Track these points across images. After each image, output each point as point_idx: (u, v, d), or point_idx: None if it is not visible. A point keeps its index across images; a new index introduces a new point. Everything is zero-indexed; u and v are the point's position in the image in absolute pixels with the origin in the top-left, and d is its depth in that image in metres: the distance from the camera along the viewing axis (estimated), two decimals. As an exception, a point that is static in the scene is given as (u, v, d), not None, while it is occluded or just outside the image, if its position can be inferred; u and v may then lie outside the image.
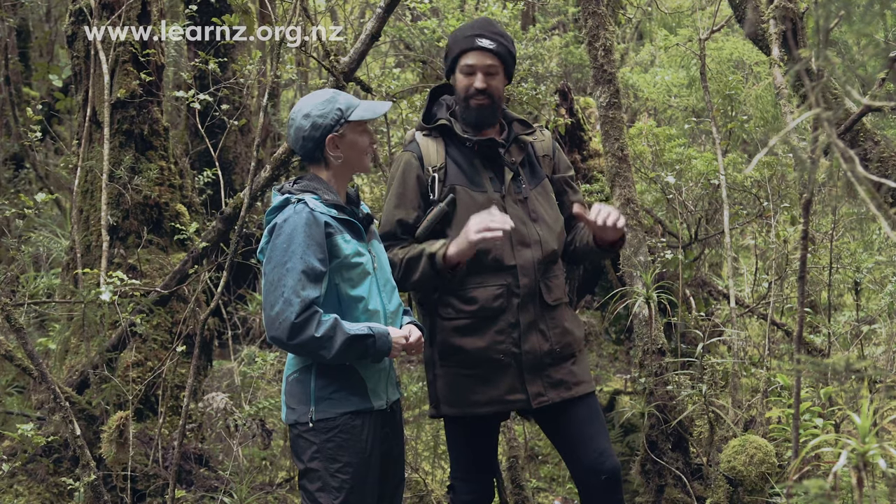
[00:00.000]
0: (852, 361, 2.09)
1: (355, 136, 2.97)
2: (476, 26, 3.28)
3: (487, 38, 3.21)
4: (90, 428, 4.37)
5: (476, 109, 3.25)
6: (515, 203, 3.27)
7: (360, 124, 2.98)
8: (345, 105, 2.95)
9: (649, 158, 6.60)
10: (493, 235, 3.01)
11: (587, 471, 3.20)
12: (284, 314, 2.75)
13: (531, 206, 3.28)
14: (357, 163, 3.01)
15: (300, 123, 2.94)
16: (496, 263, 3.20)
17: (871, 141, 4.19)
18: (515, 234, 3.21)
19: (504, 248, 3.20)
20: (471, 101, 3.25)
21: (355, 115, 2.95)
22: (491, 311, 3.21)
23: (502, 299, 3.20)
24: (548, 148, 3.43)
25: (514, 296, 3.21)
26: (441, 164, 3.26)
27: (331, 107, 2.93)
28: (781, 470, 4.13)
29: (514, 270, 3.21)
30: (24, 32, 9.38)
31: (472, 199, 3.21)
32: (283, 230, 2.83)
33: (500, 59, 3.23)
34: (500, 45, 3.22)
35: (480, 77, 3.22)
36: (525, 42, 6.96)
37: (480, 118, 3.26)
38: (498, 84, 3.25)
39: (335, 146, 2.95)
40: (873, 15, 1.76)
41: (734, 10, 4.73)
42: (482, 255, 3.19)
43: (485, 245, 3.11)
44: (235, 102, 7.64)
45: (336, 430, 2.87)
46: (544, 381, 3.24)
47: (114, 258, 4.84)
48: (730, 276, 5.17)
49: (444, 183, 3.25)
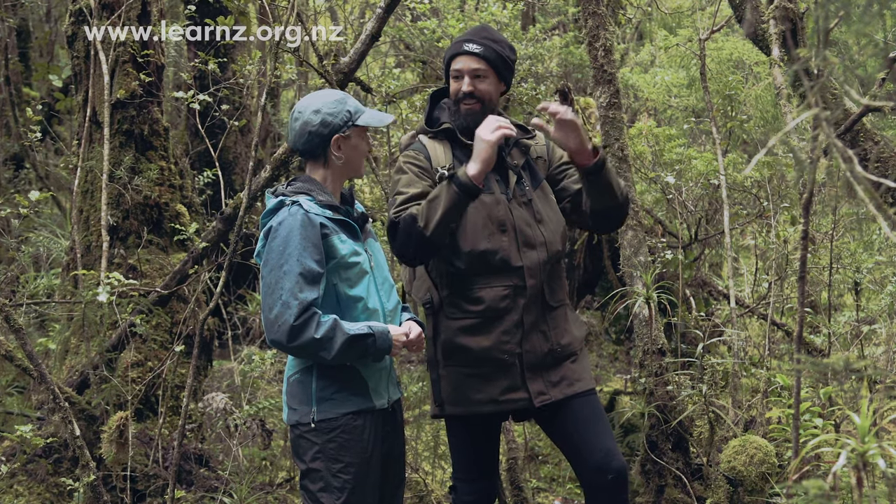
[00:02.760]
0: (852, 361, 2.09)
1: (358, 140, 3.02)
2: (468, 33, 3.31)
3: (475, 42, 3.24)
4: (90, 428, 4.37)
5: (466, 114, 3.28)
6: (520, 205, 3.28)
7: (363, 129, 3.03)
8: (354, 108, 2.99)
9: (649, 158, 6.60)
10: (509, 131, 3.07)
11: (594, 470, 3.19)
12: (283, 317, 2.75)
13: (535, 208, 3.30)
14: (356, 166, 3.04)
15: (309, 118, 2.94)
16: (503, 264, 3.22)
17: (871, 141, 4.19)
18: (521, 235, 3.23)
19: (511, 250, 3.22)
20: (461, 105, 3.28)
21: (362, 120, 2.99)
22: (497, 312, 3.22)
23: (509, 300, 3.22)
24: (542, 150, 3.45)
25: (520, 296, 3.22)
26: (449, 166, 3.27)
27: (342, 107, 2.96)
28: (781, 470, 4.13)
29: (520, 271, 3.22)
30: (24, 32, 9.38)
31: (480, 201, 3.23)
32: (279, 233, 2.83)
33: (488, 63, 3.24)
34: (488, 48, 3.23)
35: (467, 81, 3.25)
36: (525, 42, 6.97)
37: (469, 122, 3.27)
38: (487, 88, 3.26)
39: (339, 147, 2.98)
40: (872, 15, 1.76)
41: (734, 10, 4.74)
42: (489, 255, 3.20)
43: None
44: (235, 103, 7.64)
45: (338, 431, 2.87)
46: (545, 379, 3.25)
47: (114, 258, 4.84)
48: (730, 277, 5.17)
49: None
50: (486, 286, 3.22)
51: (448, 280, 3.26)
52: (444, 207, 3.05)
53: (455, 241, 3.23)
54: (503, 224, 3.23)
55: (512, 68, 3.33)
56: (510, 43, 3.35)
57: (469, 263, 3.21)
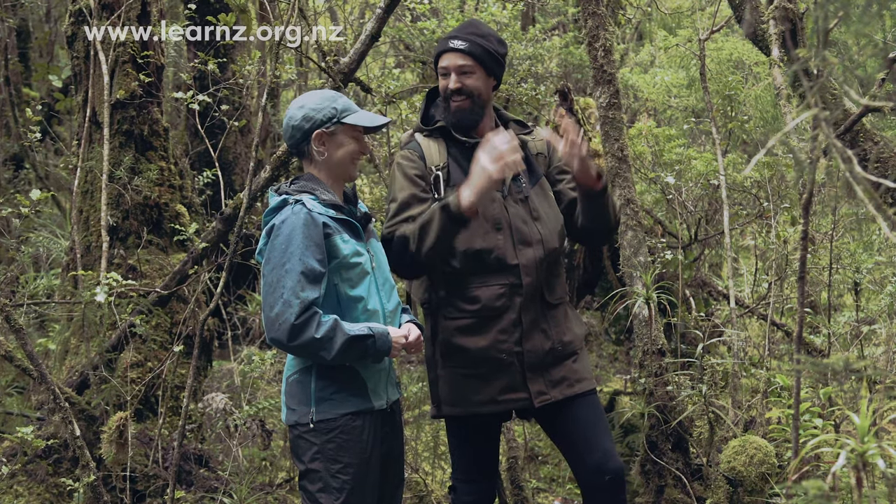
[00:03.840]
0: (852, 362, 2.09)
1: (345, 138, 2.97)
2: (456, 29, 3.29)
3: (460, 38, 3.22)
4: (90, 428, 4.37)
5: (455, 111, 3.26)
6: (517, 202, 3.27)
7: (353, 129, 2.98)
8: (342, 106, 2.97)
9: (649, 159, 6.60)
10: (515, 159, 2.97)
11: (591, 471, 3.19)
12: (284, 316, 2.75)
13: (532, 205, 3.29)
14: (343, 167, 2.99)
15: (293, 113, 2.97)
16: (499, 263, 3.21)
17: (871, 141, 4.19)
18: (517, 233, 3.22)
19: (506, 248, 3.20)
20: (450, 102, 3.27)
21: (350, 119, 2.96)
22: (494, 311, 3.21)
23: (505, 298, 3.21)
24: (542, 146, 3.44)
25: (517, 295, 3.21)
26: (444, 164, 3.27)
27: (327, 104, 2.96)
28: (781, 470, 4.13)
29: (516, 270, 3.21)
30: (24, 32, 9.38)
31: None
32: (282, 231, 2.83)
33: (474, 59, 3.21)
34: (473, 44, 3.21)
35: (454, 77, 3.23)
36: (525, 42, 6.97)
37: (459, 119, 3.27)
38: (475, 83, 3.24)
39: (321, 142, 2.95)
40: (872, 15, 1.76)
41: (734, 10, 4.73)
42: (485, 254, 3.19)
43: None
44: (235, 103, 7.64)
45: (337, 431, 2.87)
46: (546, 379, 3.24)
47: (114, 259, 4.84)
48: (730, 277, 5.17)
49: (448, 183, 3.25)
50: (483, 285, 3.21)
51: (444, 279, 3.25)
52: (435, 234, 3.05)
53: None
54: (498, 222, 3.22)
55: (501, 62, 3.30)
56: (499, 37, 3.32)
57: (464, 262, 3.21)
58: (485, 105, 3.30)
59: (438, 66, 3.29)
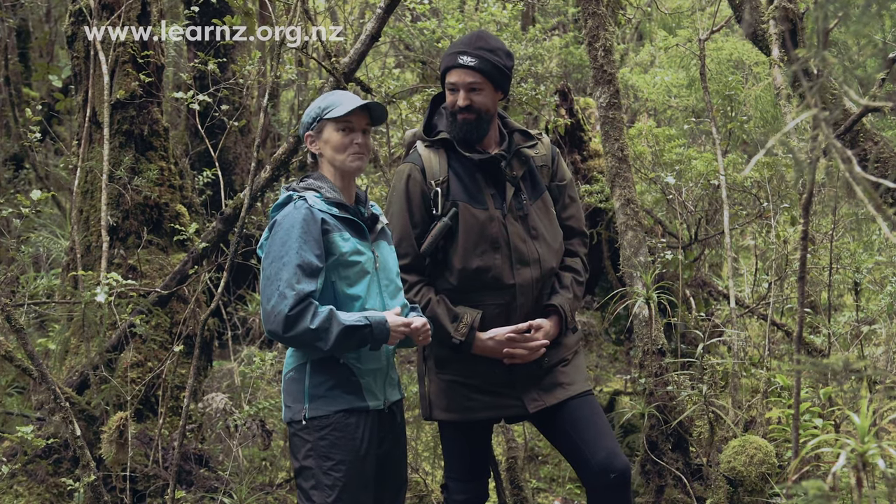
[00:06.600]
0: (852, 362, 2.09)
1: (330, 133, 3.00)
2: (462, 42, 3.24)
3: (469, 55, 3.17)
4: (90, 428, 4.37)
5: (462, 125, 3.24)
6: (516, 219, 3.26)
7: (337, 122, 2.99)
8: (326, 104, 3.01)
9: (649, 159, 6.59)
10: (522, 354, 3.22)
11: (597, 471, 3.18)
12: (279, 307, 2.77)
13: (531, 223, 3.27)
14: (336, 160, 3.01)
15: (301, 121, 3.11)
16: (495, 282, 3.22)
17: (871, 141, 4.19)
18: (516, 252, 3.22)
19: (504, 268, 3.21)
20: (457, 116, 3.25)
21: (331, 113, 2.99)
22: (487, 327, 3.24)
23: (501, 318, 3.23)
24: (546, 158, 3.39)
25: (511, 313, 3.23)
26: (444, 178, 3.26)
27: (315, 105, 3.04)
28: (781, 470, 4.13)
29: (512, 290, 3.23)
30: (24, 32, 9.38)
31: (473, 217, 3.21)
32: (282, 226, 2.88)
33: (483, 76, 3.18)
34: (483, 60, 3.17)
35: (462, 95, 3.20)
36: (525, 42, 6.96)
37: (466, 133, 3.25)
38: (483, 99, 3.21)
39: (312, 142, 3.05)
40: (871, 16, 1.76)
41: (734, 10, 4.74)
42: (482, 273, 3.20)
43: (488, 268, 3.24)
44: (235, 103, 7.64)
45: (329, 428, 2.87)
46: (538, 387, 3.27)
47: (114, 259, 4.84)
48: (730, 277, 5.17)
49: (447, 198, 3.24)
50: (479, 303, 3.24)
51: (441, 294, 3.27)
52: (434, 334, 3.16)
53: (447, 258, 3.23)
54: (496, 241, 3.21)
55: (509, 76, 3.27)
56: (506, 49, 3.29)
57: (461, 280, 3.21)
58: (491, 119, 3.28)
59: (446, 81, 3.25)
